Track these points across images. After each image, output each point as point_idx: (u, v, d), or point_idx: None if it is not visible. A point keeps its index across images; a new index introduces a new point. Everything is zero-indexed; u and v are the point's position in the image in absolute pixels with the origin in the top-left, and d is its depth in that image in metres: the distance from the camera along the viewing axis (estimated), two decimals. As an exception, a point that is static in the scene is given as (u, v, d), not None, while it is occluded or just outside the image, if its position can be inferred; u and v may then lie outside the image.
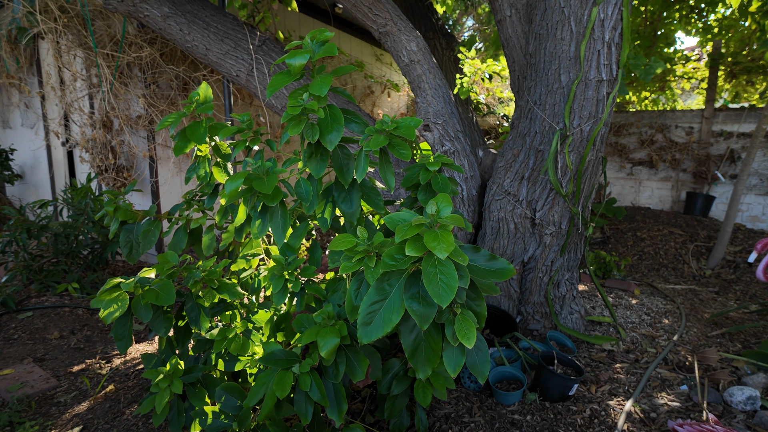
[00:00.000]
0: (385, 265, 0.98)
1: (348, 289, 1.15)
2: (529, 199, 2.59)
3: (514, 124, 2.63)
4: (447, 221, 0.98)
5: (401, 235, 0.97)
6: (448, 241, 0.95)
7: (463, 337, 1.01)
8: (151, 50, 4.03)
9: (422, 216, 1.00)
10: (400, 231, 0.98)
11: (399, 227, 0.99)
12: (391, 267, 0.97)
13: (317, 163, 1.51)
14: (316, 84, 1.37)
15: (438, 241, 0.95)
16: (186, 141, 1.91)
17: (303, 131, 1.38)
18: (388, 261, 0.99)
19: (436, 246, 0.94)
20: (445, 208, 1.02)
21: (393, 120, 1.43)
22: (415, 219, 0.98)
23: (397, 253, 1.01)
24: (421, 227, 0.98)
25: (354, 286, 1.15)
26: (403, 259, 0.99)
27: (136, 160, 4.35)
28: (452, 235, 0.96)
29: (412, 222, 0.97)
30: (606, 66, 2.21)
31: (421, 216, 0.99)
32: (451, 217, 0.99)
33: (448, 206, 1.02)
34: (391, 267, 0.97)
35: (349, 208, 1.64)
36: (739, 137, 5.33)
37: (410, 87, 2.80)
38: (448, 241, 0.95)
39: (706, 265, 4.50)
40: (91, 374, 2.74)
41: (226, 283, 1.90)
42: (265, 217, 1.48)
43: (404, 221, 1.04)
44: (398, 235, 0.98)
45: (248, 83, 3.30)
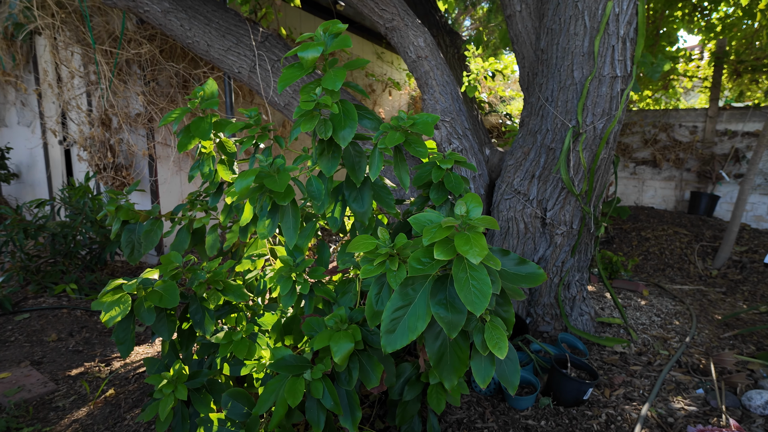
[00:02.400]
0: (413, 269, 0.91)
1: (368, 293, 1.09)
2: (540, 199, 2.54)
3: (524, 122, 2.57)
4: (478, 223, 0.92)
5: (429, 237, 0.91)
6: (480, 244, 0.89)
7: (494, 346, 0.95)
8: (150, 47, 3.96)
9: (450, 217, 0.94)
10: (428, 233, 0.92)
11: (426, 229, 0.93)
12: (418, 271, 0.91)
13: (329, 160, 1.45)
14: (330, 78, 1.31)
15: (470, 244, 0.89)
16: (190, 137, 1.84)
17: (316, 127, 1.32)
18: (415, 265, 0.93)
19: (469, 250, 0.88)
20: (474, 209, 0.96)
21: (409, 116, 1.37)
22: (445, 220, 0.92)
23: (423, 256, 0.94)
24: (451, 229, 0.92)
25: (374, 290, 1.09)
26: (431, 263, 0.93)
27: (135, 158, 4.27)
28: (484, 237, 0.90)
29: (442, 224, 0.91)
30: (620, 62, 2.16)
31: (450, 217, 0.93)
32: (482, 218, 0.93)
33: (478, 206, 0.96)
34: (419, 271, 0.91)
35: (361, 208, 1.58)
36: (743, 136, 5.30)
37: (417, 84, 2.74)
38: (480, 244, 0.89)
39: (712, 265, 4.46)
40: (91, 378, 2.67)
41: (231, 284, 1.83)
42: (275, 216, 1.42)
43: (430, 222, 0.98)
44: (426, 237, 0.92)
45: (250, 80, 3.23)
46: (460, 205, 0.96)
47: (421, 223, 0.98)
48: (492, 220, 0.92)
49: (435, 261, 0.94)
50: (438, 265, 0.93)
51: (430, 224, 0.98)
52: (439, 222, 0.96)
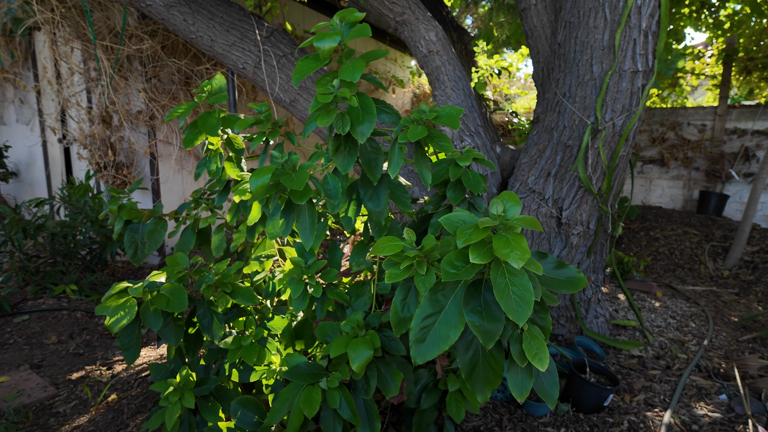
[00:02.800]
0: (446, 275, 0.84)
1: (393, 299, 1.01)
2: (555, 198, 2.46)
3: (539, 118, 2.50)
4: (518, 224, 0.85)
5: (464, 239, 0.84)
6: (522, 247, 0.81)
7: (534, 357, 0.88)
8: (152, 42, 3.87)
9: (486, 218, 0.86)
10: (463, 235, 0.84)
11: (461, 230, 0.85)
12: (452, 276, 0.84)
13: (345, 157, 1.37)
14: (348, 69, 1.24)
15: (510, 247, 0.81)
16: (197, 133, 1.76)
17: (333, 121, 1.24)
18: (448, 269, 0.85)
19: (509, 253, 0.80)
20: (512, 208, 0.88)
21: (432, 108, 1.30)
22: (482, 221, 0.84)
23: (457, 260, 0.87)
24: (488, 231, 0.84)
25: (400, 295, 1.01)
26: (466, 268, 0.86)
27: (137, 157, 4.19)
28: (525, 240, 0.83)
29: (479, 224, 0.83)
30: (642, 56, 2.08)
31: (486, 217, 0.86)
32: (522, 218, 0.85)
33: (516, 205, 0.88)
34: (452, 276, 0.84)
35: (377, 207, 1.51)
36: (753, 135, 5.23)
37: (428, 79, 2.67)
38: (522, 247, 0.81)
39: (723, 266, 4.39)
40: (92, 382, 2.59)
41: (240, 287, 1.75)
42: (289, 216, 1.34)
43: (463, 222, 0.90)
44: (460, 239, 0.84)
45: (255, 76, 3.15)
46: (496, 204, 0.88)
47: (453, 224, 0.90)
48: (533, 221, 0.84)
49: (470, 265, 0.86)
50: (474, 269, 0.85)
51: (463, 225, 0.90)
52: (473, 222, 0.88)
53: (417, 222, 1.94)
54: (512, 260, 0.80)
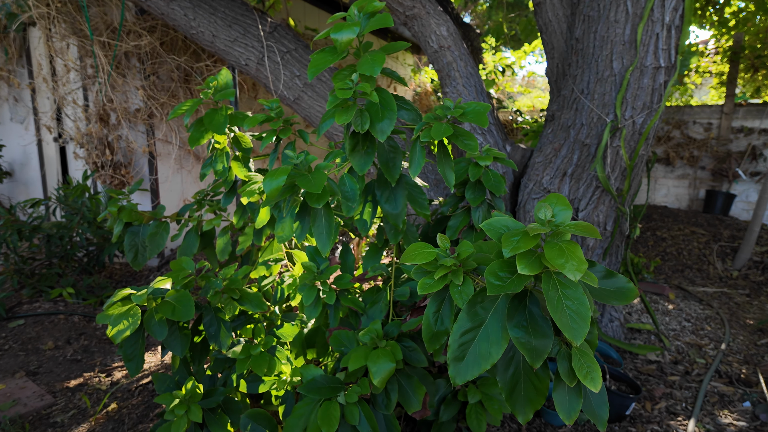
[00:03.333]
0: (492, 287, 0.76)
1: (426, 311, 0.93)
2: (572, 198, 2.38)
3: (555, 116, 2.42)
4: (571, 230, 0.76)
5: (511, 247, 0.75)
6: (578, 257, 0.73)
7: (585, 375, 0.79)
8: (150, 39, 3.77)
9: (535, 224, 0.78)
10: (509, 243, 0.76)
11: (506, 238, 0.77)
12: (498, 290, 0.75)
13: (362, 156, 1.29)
14: (367, 62, 1.15)
15: (565, 256, 0.73)
16: (202, 131, 1.67)
17: (352, 119, 1.16)
18: (493, 281, 0.77)
19: (565, 264, 0.72)
20: (562, 213, 0.80)
21: (457, 104, 1.21)
22: (531, 227, 0.76)
23: (502, 270, 0.79)
24: (537, 238, 0.76)
25: (432, 307, 0.93)
26: (512, 280, 0.77)
27: (135, 156, 4.09)
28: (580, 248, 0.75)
29: (529, 231, 0.75)
30: (665, 51, 2.00)
31: (535, 224, 0.77)
32: (577, 224, 0.77)
33: (567, 210, 0.80)
34: (499, 290, 0.75)
35: (394, 209, 1.43)
36: (761, 134, 5.17)
37: (438, 75, 2.58)
38: (578, 257, 0.73)
39: (732, 266, 4.32)
40: (91, 390, 2.50)
41: (249, 293, 1.67)
42: (304, 219, 1.26)
43: (507, 228, 0.82)
44: (506, 247, 0.76)
45: (258, 73, 3.06)
46: (543, 208, 0.80)
47: (496, 230, 0.82)
48: (589, 227, 0.76)
49: (516, 276, 0.78)
50: (522, 282, 0.77)
51: (507, 231, 0.82)
52: (519, 229, 0.80)
53: (432, 224, 1.86)
54: (568, 271, 0.72)
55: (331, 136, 2.90)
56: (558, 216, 0.81)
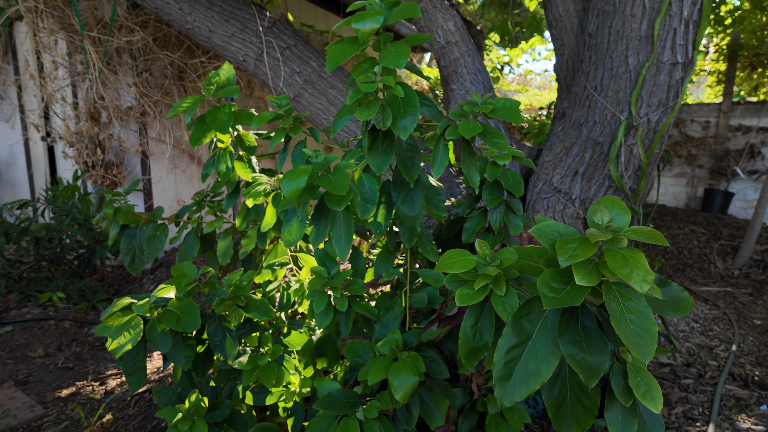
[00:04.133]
0: (547, 300, 0.68)
1: (462, 324, 0.85)
2: (583, 198, 2.32)
3: (566, 114, 2.35)
4: (632, 236, 0.69)
5: (567, 255, 0.68)
6: (643, 266, 0.66)
7: (644, 395, 0.72)
8: (143, 34, 3.65)
9: (594, 229, 0.70)
10: (565, 251, 0.69)
11: (561, 245, 0.70)
12: (554, 303, 0.68)
13: (380, 155, 1.21)
14: (391, 55, 1.07)
15: (629, 266, 0.66)
16: (205, 130, 1.58)
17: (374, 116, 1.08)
18: (547, 293, 0.69)
19: (630, 273, 0.65)
20: (619, 216, 0.73)
21: (487, 99, 1.14)
22: (590, 233, 0.69)
23: (555, 280, 0.71)
24: (597, 246, 0.68)
25: (470, 320, 0.85)
26: (568, 291, 0.70)
27: (127, 155, 3.97)
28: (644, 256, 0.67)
29: (589, 238, 0.68)
30: (682, 46, 1.95)
31: (594, 230, 0.70)
32: (639, 230, 0.70)
33: (625, 213, 0.73)
34: (554, 303, 0.68)
35: (411, 211, 1.35)
36: (758, 132, 5.17)
37: (444, 72, 2.51)
38: (643, 266, 0.66)
39: (733, 265, 4.31)
40: (84, 399, 2.39)
41: (255, 299, 1.58)
42: (321, 223, 1.17)
43: (558, 234, 0.75)
44: (563, 255, 0.68)
45: (257, 69, 2.96)
46: (598, 212, 0.73)
47: (547, 236, 0.75)
48: (654, 233, 0.69)
49: (572, 287, 0.71)
50: (581, 294, 0.69)
51: (558, 237, 0.74)
52: (574, 235, 0.72)
53: (446, 226, 1.78)
54: (634, 282, 0.65)
55: (337, 135, 2.81)
56: (615, 220, 0.73)
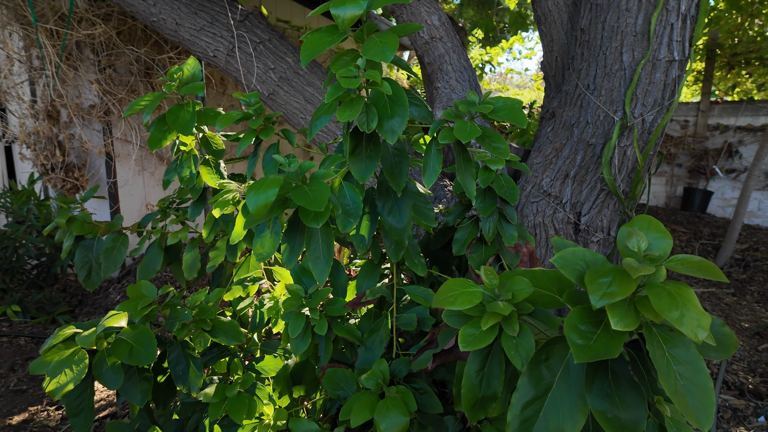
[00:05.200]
0: (578, 351, 0.54)
1: (466, 369, 0.71)
2: (574, 202, 2.21)
3: (555, 114, 2.24)
4: (682, 268, 0.56)
5: (601, 293, 0.54)
6: (696, 306, 0.53)
7: (691, 460, 0.60)
8: (105, 27, 3.41)
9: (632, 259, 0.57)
10: (599, 287, 0.55)
11: (592, 279, 0.56)
12: (586, 354, 0.54)
13: (364, 161, 1.06)
14: (376, 46, 0.92)
15: (680, 307, 0.52)
16: (165, 131, 1.41)
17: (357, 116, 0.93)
18: (577, 340, 0.56)
19: (681, 318, 0.51)
20: (659, 241, 0.60)
21: (486, 98, 1.00)
22: (629, 265, 0.55)
23: (584, 322, 0.58)
24: (638, 281, 0.55)
25: (475, 365, 0.71)
26: (600, 337, 0.56)
27: (90, 157, 3.71)
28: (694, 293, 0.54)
29: (629, 270, 0.54)
30: (679, 43, 1.85)
31: (632, 260, 0.57)
32: (689, 260, 0.57)
33: (666, 238, 0.60)
34: (587, 354, 0.54)
35: (399, 223, 1.21)
36: (736, 131, 5.20)
37: (428, 69, 2.37)
38: (696, 306, 0.53)
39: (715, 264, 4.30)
40: (37, 427, 2.17)
41: (222, 322, 1.41)
42: (295, 240, 1.02)
43: (585, 264, 0.61)
44: (595, 293, 0.55)
45: (228, 65, 2.77)
46: (633, 235, 0.59)
47: (572, 266, 0.61)
48: (711, 266, 0.56)
49: (606, 333, 0.57)
50: (620, 342, 0.56)
51: (585, 267, 0.61)
52: (607, 266, 0.59)
53: (435, 236, 1.65)
54: (687, 328, 0.51)
55: (315, 137, 2.64)
56: (654, 246, 0.60)
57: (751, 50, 4.97)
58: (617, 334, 0.57)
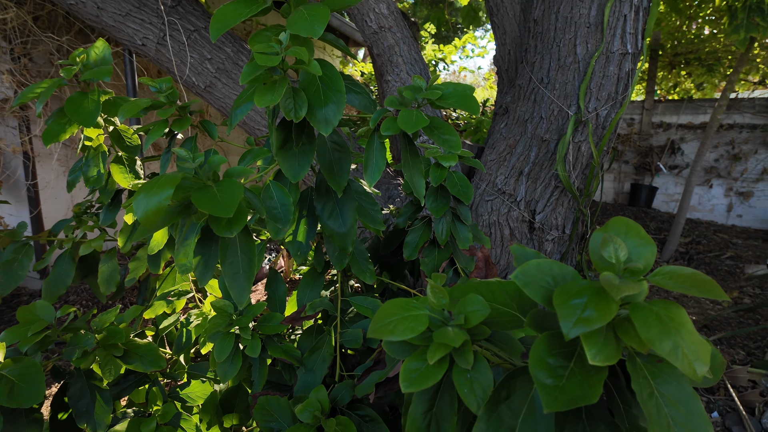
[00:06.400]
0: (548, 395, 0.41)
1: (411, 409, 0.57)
2: (528, 199, 2.14)
3: (509, 109, 2.16)
4: (673, 285, 0.45)
5: (575, 319, 0.42)
6: (691, 333, 0.41)
7: None
8: (19, 12, 3.05)
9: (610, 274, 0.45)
10: (570, 311, 0.43)
11: (562, 300, 0.43)
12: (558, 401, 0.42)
13: (296, 157, 0.91)
14: (302, 19, 0.77)
15: (672, 335, 0.41)
16: (64, 123, 1.19)
17: (280, 101, 0.77)
18: (545, 380, 0.43)
19: (675, 350, 0.40)
20: (640, 249, 0.48)
21: (433, 85, 0.87)
22: (607, 281, 0.43)
23: (552, 353, 0.45)
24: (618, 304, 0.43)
25: (421, 405, 0.57)
26: (575, 375, 0.44)
27: (4, 157, 3.33)
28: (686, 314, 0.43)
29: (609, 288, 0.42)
30: (632, 35, 1.81)
31: (610, 275, 0.45)
32: (680, 273, 0.45)
33: (648, 245, 0.48)
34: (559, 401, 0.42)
35: (341, 227, 1.06)
36: (678, 129, 5.40)
37: (378, 61, 2.23)
38: (691, 333, 0.41)
39: (660, 258, 4.43)
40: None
41: (138, 345, 1.21)
42: (209, 251, 0.85)
43: (552, 279, 0.49)
44: (567, 319, 0.42)
45: (159, 55, 2.52)
46: (610, 243, 0.47)
47: (536, 284, 0.48)
48: (710, 282, 0.45)
49: (582, 370, 0.45)
50: (598, 381, 0.44)
51: (551, 284, 0.49)
52: (580, 283, 0.46)
53: (385, 239, 1.51)
54: (683, 363, 0.40)
55: (252, 130, 2.45)
56: (635, 256, 0.49)
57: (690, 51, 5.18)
58: (595, 370, 0.45)
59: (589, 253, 0.50)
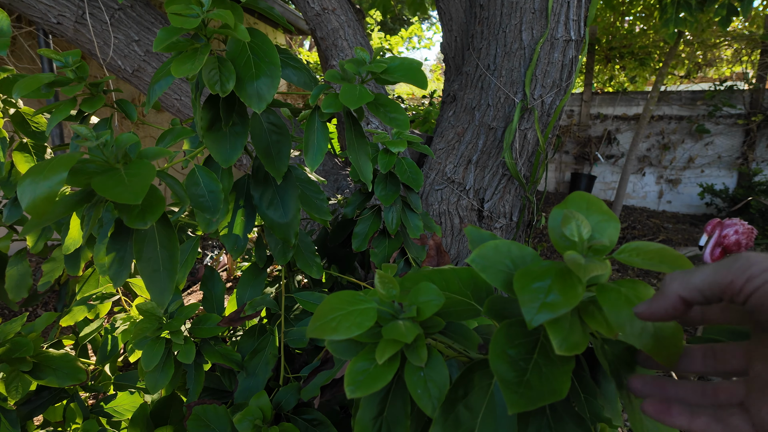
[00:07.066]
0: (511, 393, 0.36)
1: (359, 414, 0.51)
2: (477, 188, 2.13)
3: (456, 97, 2.13)
4: (639, 261, 0.40)
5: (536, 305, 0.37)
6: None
7: None
8: None
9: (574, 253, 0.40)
10: (533, 296, 0.37)
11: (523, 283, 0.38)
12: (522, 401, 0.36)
13: (227, 139, 0.81)
14: (226, -23, 0.67)
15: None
16: (-53, 104, 1.02)
17: (203, 72, 0.68)
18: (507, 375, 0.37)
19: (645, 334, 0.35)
20: (604, 226, 0.44)
21: (378, 58, 0.79)
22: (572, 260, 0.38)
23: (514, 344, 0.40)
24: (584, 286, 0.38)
25: (370, 410, 0.50)
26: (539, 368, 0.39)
27: None
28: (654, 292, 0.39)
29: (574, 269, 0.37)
30: (575, 22, 1.82)
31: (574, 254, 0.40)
32: (647, 249, 0.41)
33: (612, 221, 0.44)
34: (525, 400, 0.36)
35: (283, 217, 0.97)
36: (614, 120, 5.66)
37: (322, 45, 2.13)
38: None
39: (601, 244, 4.62)
40: None
41: (52, 357, 1.07)
42: (123, 247, 0.74)
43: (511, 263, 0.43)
44: (529, 304, 0.37)
45: (78, 35, 2.29)
46: (572, 219, 0.43)
47: (495, 267, 0.43)
48: (678, 256, 0.41)
49: (547, 361, 0.40)
50: (566, 372, 0.39)
51: (511, 268, 0.43)
52: (542, 265, 0.41)
53: (333, 230, 1.43)
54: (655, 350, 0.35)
55: (180, 112, 2.28)
56: (599, 232, 0.44)
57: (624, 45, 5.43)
58: (561, 361, 0.40)
59: (549, 232, 0.45)
